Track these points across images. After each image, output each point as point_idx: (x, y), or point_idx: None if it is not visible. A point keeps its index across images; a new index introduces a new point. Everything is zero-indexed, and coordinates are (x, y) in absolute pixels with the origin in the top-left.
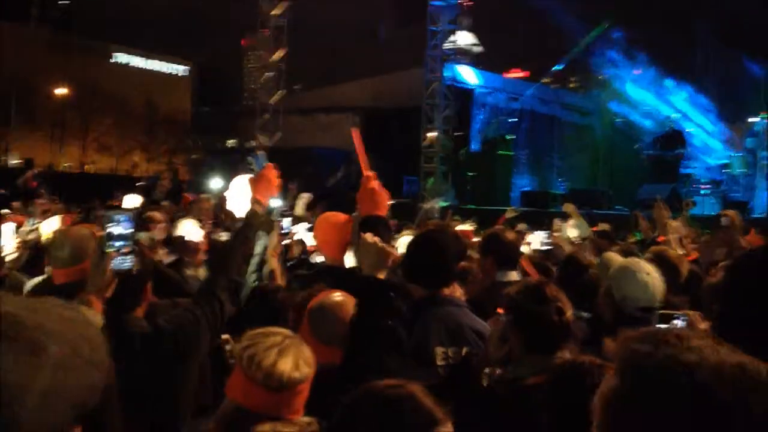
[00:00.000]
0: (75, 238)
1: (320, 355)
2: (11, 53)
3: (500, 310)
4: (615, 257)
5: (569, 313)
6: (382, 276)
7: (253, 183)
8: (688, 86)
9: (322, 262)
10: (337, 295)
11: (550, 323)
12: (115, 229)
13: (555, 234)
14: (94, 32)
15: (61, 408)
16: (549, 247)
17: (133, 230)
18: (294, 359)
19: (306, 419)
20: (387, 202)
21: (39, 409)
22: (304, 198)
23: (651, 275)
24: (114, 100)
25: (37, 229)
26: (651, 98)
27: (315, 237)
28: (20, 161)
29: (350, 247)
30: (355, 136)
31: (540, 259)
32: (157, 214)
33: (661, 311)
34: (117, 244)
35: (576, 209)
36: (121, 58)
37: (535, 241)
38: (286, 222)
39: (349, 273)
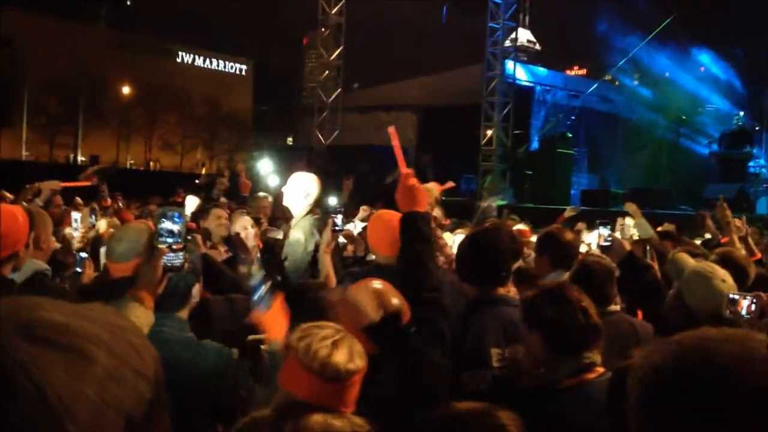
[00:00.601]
0: (132, 232)
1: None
2: (80, 52)
3: None
4: (688, 259)
5: (592, 311)
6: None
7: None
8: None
9: (375, 260)
10: (376, 283)
11: (575, 324)
12: (167, 225)
13: (615, 233)
14: (160, 32)
15: (112, 420)
16: (607, 243)
17: (184, 227)
18: (348, 351)
19: (358, 420)
20: (426, 198)
21: (90, 422)
22: (365, 211)
23: (726, 282)
24: (178, 98)
25: (95, 225)
26: (716, 96)
27: (368, 235)
28: (87, 158)
29: None
30: (392, 134)
31: (598, 257)
32: (221, 211)
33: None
34: (168, 240)
35: (638, 209)
36: (185, 57)
37: (594, 240)
38: (339, 219)
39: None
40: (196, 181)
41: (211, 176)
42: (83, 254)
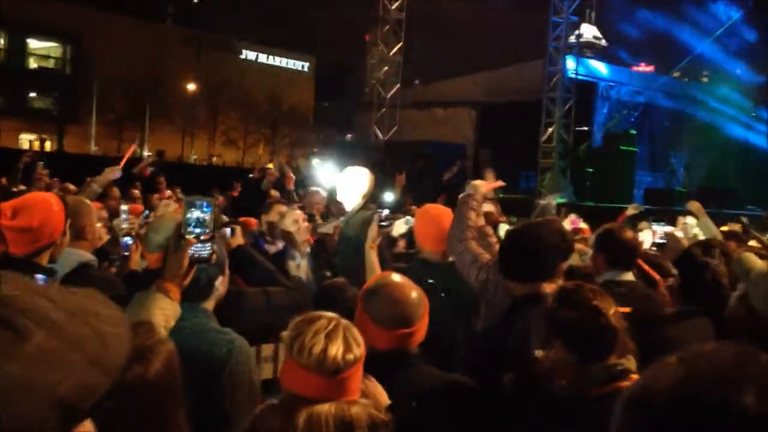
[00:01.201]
0: (169, 223)
1: (374, 337)
2: (147, 50)
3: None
4: (755, 260)
5: (612, 313)
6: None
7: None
8: None
9: (421, 256)
10: (396, 276)
11: (591, 327)
12: (195, 215)
13: (674, 230)
14: (224, 29)
15: (38, 404)
16: (663, 241)
17: (213, 216)
18: (344, 341)
19: (370, 403)
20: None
21: (7, 400)
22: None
23: None
24: (241, 95)
25: (148, 218)
26: None
27: (415, 230)
28: (153, 153)
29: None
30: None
31: (655, 257)
32: (282, 207)
33: None
34: (196, 230)
35: (701, 207)
36: (248, 54)
37: (647, 238)
38: (386, 213)
39: (448, 267)
40: (250, 176)
41: (263, 170)
42: (128, 240)
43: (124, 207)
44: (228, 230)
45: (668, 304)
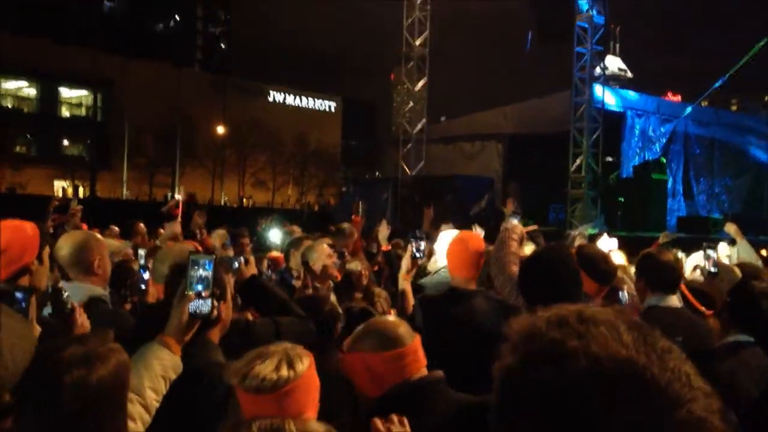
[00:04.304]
0: (176, 254)
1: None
2: (177, 94)
3: None
4: None
5: None
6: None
7: None
8: None
9: (451, 283)
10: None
11: None
12: (198, 273)
13: (722, 258)
14: (252, 72)
15: None
16: (714, 270)
17: (214, 274)
18: (276, 362)
19: (315, 426)
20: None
21: None
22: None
23: None
24: (269, 136)
25: None
26: None
27: (447, 257)
28: (185, 197)
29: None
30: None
31: (702, 285)
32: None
33: None
34: (198, 287)
35: (739, 231)
36: (276, 96)
37: (688, 267)
38: (422, 245)
39: (475, 294)
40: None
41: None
42: (146, 274)
43: (141, 252)
44: (241, 259)
45: (716, 334)
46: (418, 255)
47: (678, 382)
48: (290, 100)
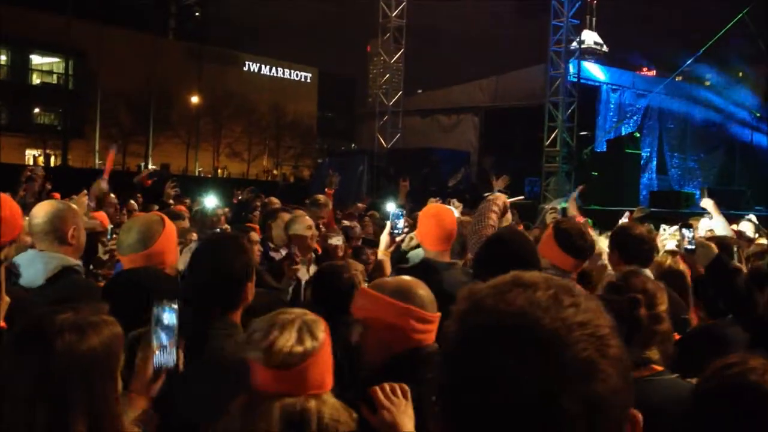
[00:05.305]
0: (142, 224)
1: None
2: (150, 64)
3: None
4: None
5: (659, 308)
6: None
7: None
8: None
9: (425, 256)
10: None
11: (622, 317)
12: (162, 322)
13: (704, 233)
14: (227, 42)
15: None
16: (692, 247)
17: (178, 323)
18: (297, 333)
19: (332, 401)
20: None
21: None
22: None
23: None
24: (244, 107)
25: None
26: None
27: (417, 230)
28: (158, 167)
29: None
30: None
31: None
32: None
33: None
34: (162, 337)
35: (715, 206)
36: (251, 66)
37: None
38: (400, 223)
39: (448, 267)
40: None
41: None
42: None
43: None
44: (217, 230)
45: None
46: (396, 232)
47: (566, 329)
48: (266, 70)
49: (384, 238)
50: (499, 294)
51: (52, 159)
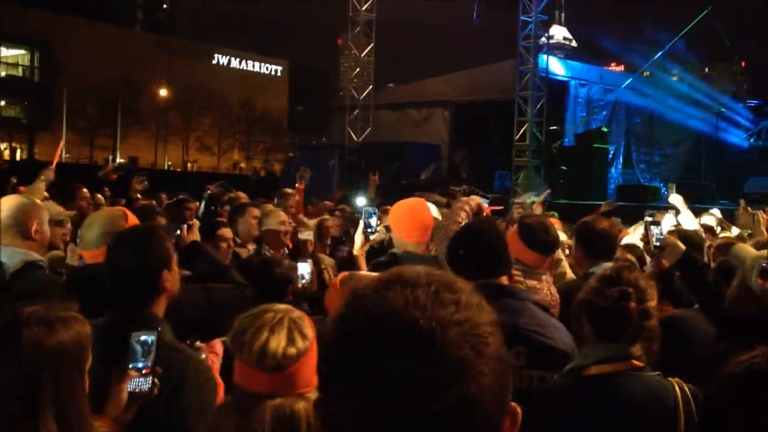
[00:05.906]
0: (104, 218)
1: None
2: (118, 56)
3: None
4: (748, 249)
5: (649, 303)
6: None
7: None
8: None
9: (405, 249)
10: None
11: (613, 308)
12: (138, 349)
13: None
14: (196, 34)
15: None
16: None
17: (155, 349)
18: (288, 333)
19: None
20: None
21: None
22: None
23: None
24: (214, 100)
25: None
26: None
27: (393, 224)
28: (126, 160)
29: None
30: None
31: (640, 252)
32: (256, 210)
33: None
34: (138, 364)
35: (683, 201)
36: (221, 59)
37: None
38: (373, 221)
39: (427, 259)
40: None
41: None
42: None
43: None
44: (184, 226)
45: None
46: (369, 230)
47: (442, 328)
48: (235, 63)
49: (358, 237)
50: (379, 293)
51: (18, 152)
